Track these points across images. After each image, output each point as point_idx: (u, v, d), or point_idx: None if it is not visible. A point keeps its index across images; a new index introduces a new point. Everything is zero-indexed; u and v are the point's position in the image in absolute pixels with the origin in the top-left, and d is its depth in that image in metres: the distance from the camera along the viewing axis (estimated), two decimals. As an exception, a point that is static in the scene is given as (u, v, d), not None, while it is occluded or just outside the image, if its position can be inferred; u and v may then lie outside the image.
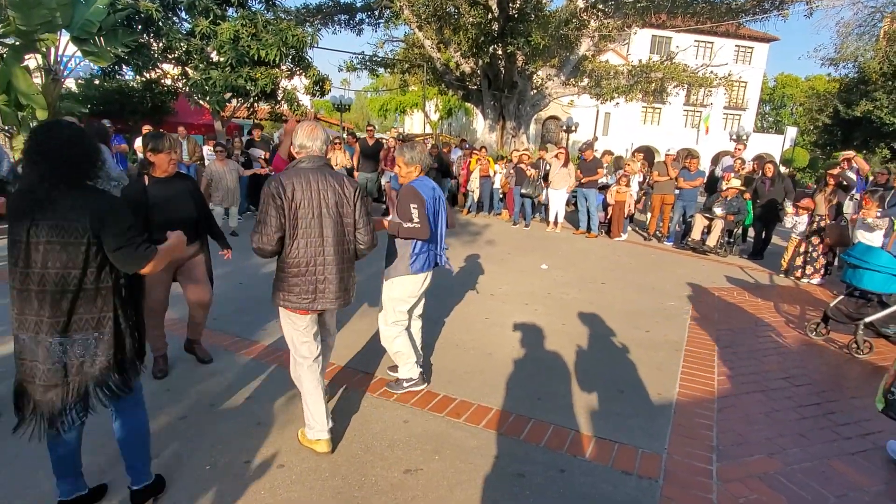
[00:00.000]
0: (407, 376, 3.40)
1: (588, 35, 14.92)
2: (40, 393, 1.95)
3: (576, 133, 22.50)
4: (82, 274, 1.92)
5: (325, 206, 2.55)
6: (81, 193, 1.93)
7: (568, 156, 9.85)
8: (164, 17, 11.58)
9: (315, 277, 2.59)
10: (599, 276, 6.75)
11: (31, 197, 1.89)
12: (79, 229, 1.88)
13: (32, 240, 1.87)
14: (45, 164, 1.89)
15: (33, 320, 1.91)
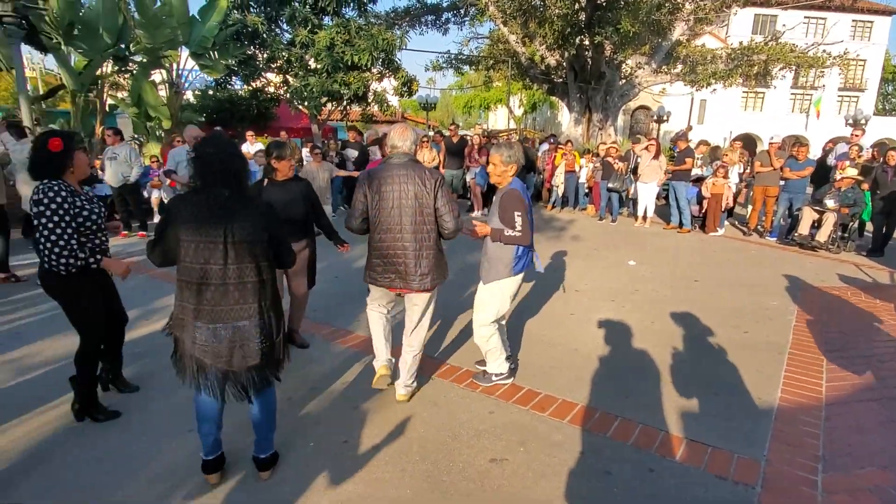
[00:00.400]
0: (497, 371, 3.45)
1: (682, 19, 14.06)
2: (213, 370, 2.24)
3: (668, 123, 21.31)
4: (258, 269, 2.25)
5: (406, 199, 2.90)
6: (251, 199, 2.28)
7: (659, 147, 9.41)
8: (268, 29, 12.55)
9: (395, 261, 2.97)
10: (692, 273, 6.43)
11: (218, 203, 2.16)
12: (259, 230, 2.23)
13: (229, 240, 2.16)
14: (221, 175, 2.18)
15: (223, 310, 2.19)
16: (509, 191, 3.16)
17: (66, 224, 2.62)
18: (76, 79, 9.66)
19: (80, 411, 2.95)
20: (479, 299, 3.34)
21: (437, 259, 3.04)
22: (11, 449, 2.71)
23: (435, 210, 2.96)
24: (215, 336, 2.20)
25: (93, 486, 2.44)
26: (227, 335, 2.21)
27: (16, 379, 3.45)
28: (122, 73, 11.76)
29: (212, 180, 2.18)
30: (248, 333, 2.24)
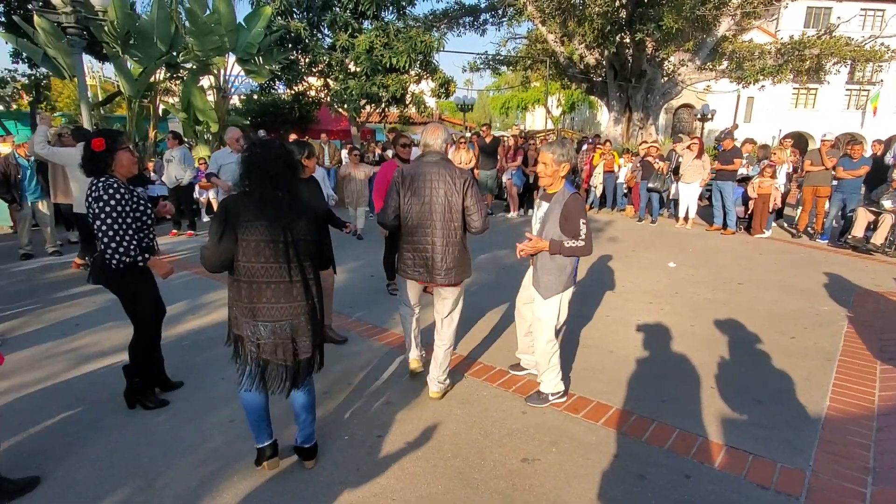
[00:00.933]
0: (555, 389, 3.27)
1: (728, 13, 13.58)
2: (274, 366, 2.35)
3: (712, 121, 20.62)
4: (312, 267, 2.36)
5: (436, 196, 3.02)
6: (301, 199, 2.36)
7: (702, 146, 9.13)
8: (310, 34, 12.87)
9: (424, 255, 3.08)
10: (736, 276, 6.21)
11: (276, 203, 2.24)
12: (312, 229, 2.33)
13: (289, 239, 2.25)
14: (271, 176, 2.25)
15: (283, 307, 2.28)
16: (573, 196, 3.00)
17: (122, 219, 2.76)
18: (132, 85, 10.20)
19: (132, 399, 3.13)
20: (541, 316, 3.15)
21: (462, 255, 3.15)
22: (72, 433, 2.90)
23: (464, 208, 3.06)
24: (274, 333, 2.30)
25: (144, 468, 2.59)
26: (287, 331, 2.30)
27: (75, 367, 3.69)
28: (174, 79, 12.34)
29: (262, 182, 2.24)
30: (304, 329, 2.34)
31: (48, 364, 3.73)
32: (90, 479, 2.51)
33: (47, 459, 2.65)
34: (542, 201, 3.15)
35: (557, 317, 3.15)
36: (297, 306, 2.31)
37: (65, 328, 4.38)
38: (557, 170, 2.99)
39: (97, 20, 7.93)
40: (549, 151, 2.99)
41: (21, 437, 2.86)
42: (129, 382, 3.13)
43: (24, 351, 3.92)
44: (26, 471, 2.55)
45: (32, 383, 3.44)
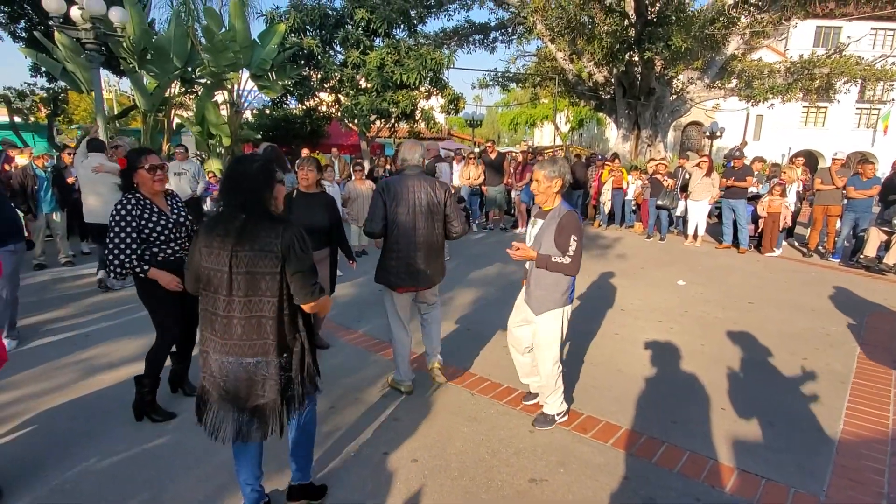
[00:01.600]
0: (559, 410, 3.20)
1: (737, 33, 13.67)
2: (230, 405, 2.06)
3: (721, 139, 20.60)
4: (279, 301, 2.01)
5: (419, 205, 3.27)
6: (271, 223, 2.00)
7: (711, 164, 9.12)
8: (323, 51, 13.10)
9: (408, 261, 3.29)
10: (746, 295, 6.16)
11: (229, 227, 1.98)
12: (273, 259, 1.96)
13: (234, 270, 1.95)
14: (238, 195, 2.00)
15: (233, 344, 2.00)
16: (568, 213, 2.94)
17: (125, 234, 2.84)
18: (148, 99, 10.40)
19: (140, 411, 3.14)
20: (541, 335, 3.07)
21: (441, 259, 3.48)
22: (80, 444, 2.91)
23: (445, 216, 3.38)
24: (208, 376, 2.08)
25: (151, 481, 2.59)
26: (235, 371, 2.03)
27: (84, 378, 3.71)
28: (188, 94, 12.56)
29: (228, 201, 2.02)
30: (260, 371, 2.04)
31: (58, 375, 3.75)
32: (96, 490, 2.52)
33: (54, 470, 2.66)
34: (538, 218, 3.11)
35: (559, 336, 3.08)
36: (249, 346, 2.01)
37: (76, 339, 4.42)
38: (550, 186, 2.96)
39: (115, 36, 8.11)
40: (541, 169, 2.99)
41: (28, 447, 2.87)
42: (139, 393, 3.14)
43: (35, 361, 3.95)
44: (30, 481, 2.56)
45: (41, 394, 3.47)
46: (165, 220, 3.00)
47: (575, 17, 13.49)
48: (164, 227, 2.99)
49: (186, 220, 3.17)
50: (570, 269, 2.91)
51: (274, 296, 1.99)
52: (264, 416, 2.07)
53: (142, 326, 4.66)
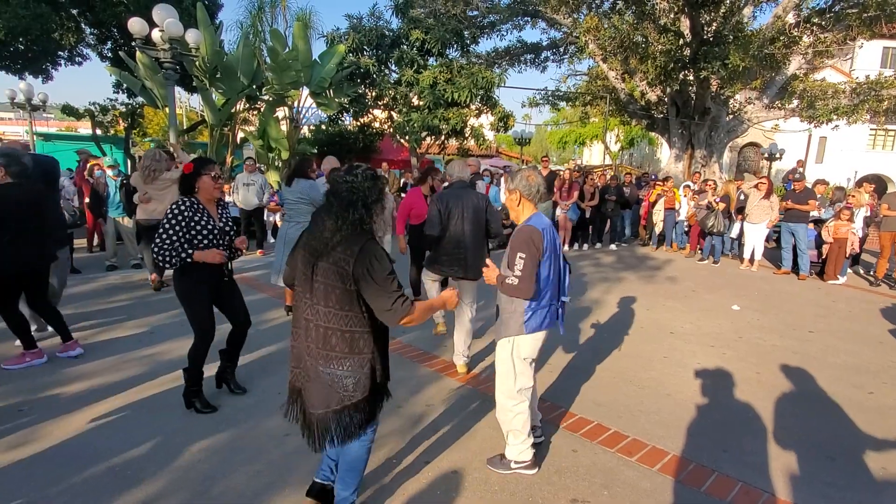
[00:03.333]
0: (518, 458, 2.82)
1: (799, 52, 13.13)
2: (296, 403, 2.20)
3: (780, 161, 19.72)
4: (347, 317, 2.02)
5: (466, 212, 4.14)
6: (351, 241, 1.99)
7: (771, 186, 8.77)
8: (378, 70, 13.56)
9: (458, 256, 4.13)
10: (807, 323, 5.85)
11: (316, 235, 2.05)
12: (343, 277, 1.96)
13: (316, 278, 2.01)
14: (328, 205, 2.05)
15: (309, 346, 2.08)
16: (522, 227, 2.68)
17: (173, 231, 3.08)
18: (216, 115, 11.07)
19: (187, 400, 3.39)
20: (496, 363, 2.86)
21: (484, 252, 4.23)
22: (140, 435, 3.10)
23: (486, 220, 4.23)
24: (295, 371, 2.20)
25: (203, 474, 2.73)
26: (308, 371, 2.11)
27: (148, 372, 3.95)
28: (252, 110, 13.27)
29: (327, 207, 2.05)
30: (322, 380, 2.07)
31: (125, 368, 4.01)
32: (155, 478, 2.67)
33: (115, 457, 2.84)
34: None
35: (517, 368, 2.75)
36: (320, 353, 2.05)
37: (142, 336, 4.72)
38: (511, 199, 2.78)
39: (190, 56, 8.72)
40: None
41: (96, 434, 3.08)
42: (186, 383, 3.38)
43: (104, 353, 4.25)
44: (95, 465, 2.75)
45: (110, 385, 3.72)
46: (212, 227, 3.23)
47: (628, 36, 13.37)
48: (210, 233, 3.21)
49: (231, 229, 3.40)
50: (519, 291, 2.58)
51: (342, 310, 2.00)
52: (311, 425, 2.12)
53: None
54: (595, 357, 4.59)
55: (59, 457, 2.83)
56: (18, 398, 3.47)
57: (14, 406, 3.37)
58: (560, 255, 2.78)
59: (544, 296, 2.69)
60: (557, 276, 2.75)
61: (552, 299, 2.73)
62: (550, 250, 2.66)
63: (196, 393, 3.39)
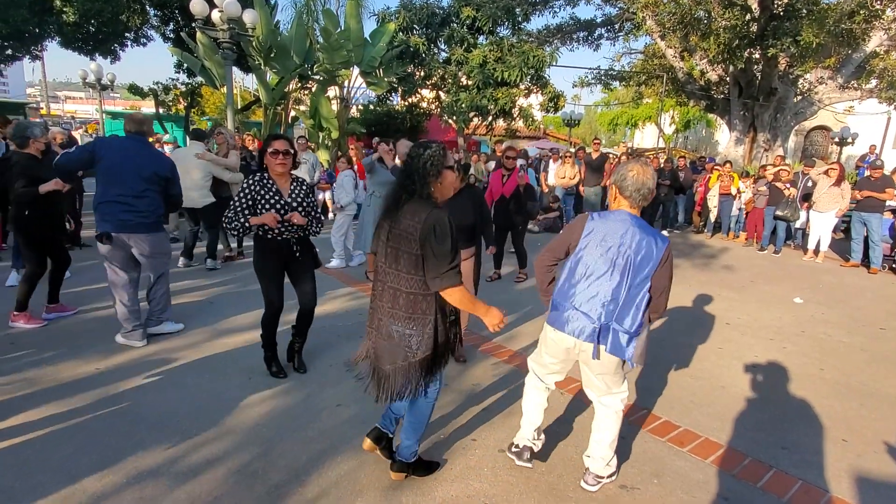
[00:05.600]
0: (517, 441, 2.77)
1: (882, 27, 12.09)
2: (370, 361, 2.33)
3: (852, 146, 18.40)
4: (413, 280, 2.14)
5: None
6: (418, 208, 2.11)
7: (842, 172, 8.20)
8: (428, 49, 13.47)
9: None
10: (878, 320, 5.49)
11: (391, 201, 2.21)
12: (411, 242, 2.10)
13: (388, 241, 2.18)
14: (403, 175, 2.20)
15: (382, 306, 2.24)
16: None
17: (240, 204, 3.24)
18: (270, 94, 11.35)
19: (266, 362, 3.63)
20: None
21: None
22: (203, 400, 3.29)
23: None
24: (370, 330, 2.34)
25: (262, 437, 2.87)
26: (382, 329, 2.25)
27: (208, 341, 4.16)
28: (304, 89, 13.51)
29: (399, 180, 2.23)
30: (393, 338, 2.21)
31: (188, 336, 4.24)
32: (215, 440, 2.83)
33: (186, 419, 3.02)
34: None
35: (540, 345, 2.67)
36: (392, 312, 2.21)
37: (203, 305, 4.96)
38: (609, 192, 2.56)
39: (247, 36, 8.93)
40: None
41: (163, 397, 3.28)
42: (262, 347, 3.63)
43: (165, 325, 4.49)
44: (163, 428, 2.93)
45: (174, 351, 3.95)
46: (277, 201, 3.28)
47: (690, 11, 12.68)
48: (272, 207, 3.26)
49: (301, 205, 3.39)
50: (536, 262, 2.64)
51: (409, 273, 2.15)
52: (380, 379, 2.28)
53: (256, 300, 5.11)
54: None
55: (132, 415, 3.04)
56: (93, 363, 3.72)
57: (94, 370, 3.63)
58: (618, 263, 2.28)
59: (561, 291, 2.41)
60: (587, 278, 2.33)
61: (565, 302, 2.38)
62: (595, 248, 2.33)
63: (268, 358, 3.62)
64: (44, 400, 3.14)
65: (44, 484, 2.41)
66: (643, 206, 2.34)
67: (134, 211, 3.79)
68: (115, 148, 3.83)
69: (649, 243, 2.25)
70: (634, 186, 2.27)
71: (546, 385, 2.68)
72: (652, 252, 2.24)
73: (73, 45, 13.47)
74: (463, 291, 2.15)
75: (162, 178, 3.92)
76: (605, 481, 2.62)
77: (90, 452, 2.66)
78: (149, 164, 3.86)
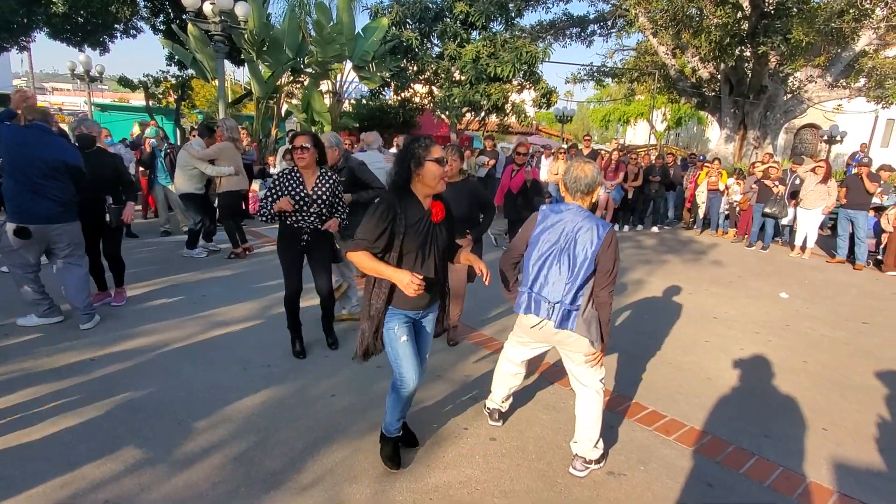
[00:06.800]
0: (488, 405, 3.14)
1: (871, 26, 12.25)
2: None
3: (841, 144, 18.64)
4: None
5: None
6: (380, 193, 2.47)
7: (829, 170, 8.34)
8: (421, 44, 13.46)
9: None
10: (861, 314, 5.62)
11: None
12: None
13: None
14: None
15: None
16: None
17: (270, 193, 3.53)
18: (262, 87, 11.30)
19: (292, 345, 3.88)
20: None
21: None
22: (197, 389, 3.32)
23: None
24: None
25: (258, 427, 2.91)
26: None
27: (202, 332, 4.19)
28: (296, 83, 13.45)
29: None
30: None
31: (181, 327, 4.26)
32: (212, 429, 2.87)
33: (175, 411, 3.06)
34: None
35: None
36: None
37: (196, 298, 4.97)
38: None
39: (238, 29, 8.89)
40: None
41: (159, 387, 3.31)
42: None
43: (161, 316, 4.50)
44: (160, 417, 2.96)
45: (168, 342, 3.96)
46: (298, 192, 3.52)
47: (682, 8, 12.76)
48: (293, 197, 3.51)
49: (321, 197, 3.59)
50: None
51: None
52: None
53: (249, 292, 5.16)
54: (635, 338, 4.57)
55: (128, 403, 3.07)
56: (89, 352, 3.74)
57: (89, 359, 3.64)
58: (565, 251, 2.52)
59: (526, 280, 2.67)
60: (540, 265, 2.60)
61: (525, 287, 2.67)
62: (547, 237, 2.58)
63: (292, 340, 3.85)
64: (41, 389, 3.16)
65: (42, 471, 2.44)
66: (589, 200, 2.58)
67: (48, 199, 3.79)
68: (13, 138, 3.78)
69: (592, 230, 2.47)
70: (572, 180, 2.55)
71: (509, 358, 2.96)
72: (594, 238, 2.45)
73: (61, 36, 13.29)
74: (361, 256, 2.30)
75: (72, 167, 3.90)
76: (592, 467, 2.69)
77: (88, 440, 2.69)
78: (56, 153, 3.83)
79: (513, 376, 2.99)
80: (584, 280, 2.49)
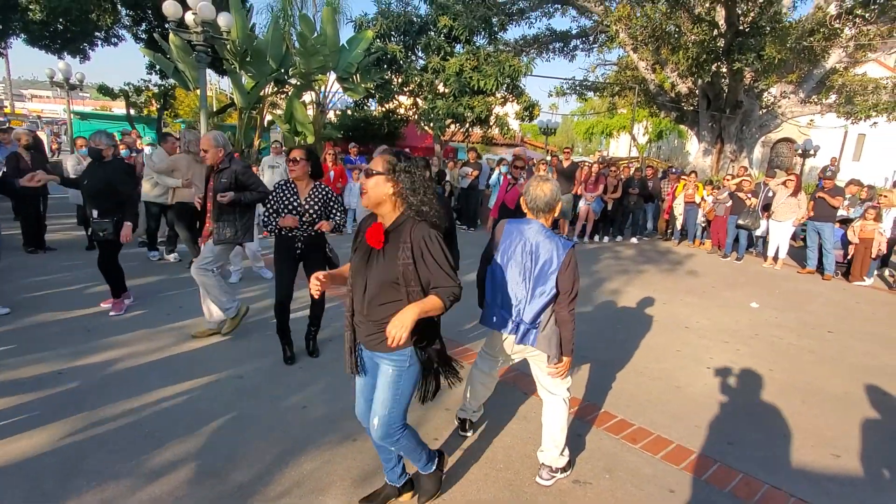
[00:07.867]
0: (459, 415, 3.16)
1: (840, 45, 12.69)
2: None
3: (814, 158, 19.12)
4: None
5: None
6: None
7: (799, 183, 8.58)
8: (405, 56, 13.58)
9: None
10: (827, 323, 5.78)
11: None
12: None
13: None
14: None
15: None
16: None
17: (270, 205, 3.76)
18: (245, 98, 11.31)
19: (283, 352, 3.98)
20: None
21: None
22: (167, 401, 3.30)
23: None
24: None
25: (226, 441, 2.91)
26: None
27: (176, 343, 4.17)
28: (280, 94, 13.47)
29: None
30: None
31: (155, 338, 4.23)
32: (180, 441, 2.86)
33: (142, 424, 3.04)
34: None
35: None
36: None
37: (171, 310, 4.94)
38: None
39: (221, 39, 8.90)
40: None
41: (124, 400, 3.29)
42: None
43: (135, 326, 4.47)
44: (128, 429, 2.95)
45: (137, 355, 3.93)
46: (290, 202, 3.73)
47: (661, 25, 13.10)
48: (285, 208, 3.72)
49: (312, 207, 3.75)
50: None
51: None
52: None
53: (226, 303, 5.13)
54: (607, 347, 4.65)
55: (94, 416, 3.05)
56: (56, 364, 3.70)
57: (56, 371, 3.60)
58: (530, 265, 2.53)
59: (489, 292, 2.71)
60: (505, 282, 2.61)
61: (493, 304, 2.68)
62: (510, 253, 2.59)
63: (282, 346, 3.97)
64: (4, 402, 3.12)
65: (1, 486, 2.41)
66: (551, 216, 2.61)
67: None
68: None
69: (551, 249, 2.49)
70: (531, 200, 2.58)
71: (480, 369, 2.99)
72: (553, 257, 2.47)
73: (39, 43, 13.18)
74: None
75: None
76: (559, 476, 2.74)
77: (51, 455, 2.67)
78: None
79: (484, 386, 3.03)
80: (542, 297, 2.50)
